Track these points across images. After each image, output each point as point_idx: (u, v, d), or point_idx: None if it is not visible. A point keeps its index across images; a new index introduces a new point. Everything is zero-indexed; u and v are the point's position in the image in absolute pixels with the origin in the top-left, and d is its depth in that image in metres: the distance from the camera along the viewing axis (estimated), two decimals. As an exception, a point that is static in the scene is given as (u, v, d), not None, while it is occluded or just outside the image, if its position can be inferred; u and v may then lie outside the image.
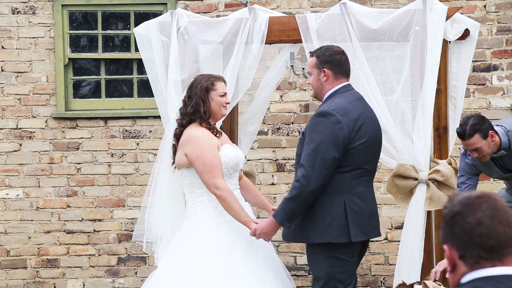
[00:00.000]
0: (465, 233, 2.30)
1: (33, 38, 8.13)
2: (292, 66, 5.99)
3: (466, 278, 2.31)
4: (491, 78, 7.88)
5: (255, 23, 5.79)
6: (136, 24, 7.34)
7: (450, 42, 5.69)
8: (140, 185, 8.09)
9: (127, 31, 8.20)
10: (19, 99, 8.15)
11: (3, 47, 8.14)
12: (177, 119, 5.38)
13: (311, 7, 7.94)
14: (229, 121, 6.00)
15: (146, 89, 8.05)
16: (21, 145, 8.14)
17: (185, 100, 5.35)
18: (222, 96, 5.34)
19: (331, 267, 5.10)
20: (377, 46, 5.67)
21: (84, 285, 8.16)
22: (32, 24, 8.12)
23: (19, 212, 8.16)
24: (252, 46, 5.78)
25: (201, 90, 5.29)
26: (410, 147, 5.50)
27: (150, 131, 8.13)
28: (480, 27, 6.08)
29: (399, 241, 5.66)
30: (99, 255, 8.16)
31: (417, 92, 5.48)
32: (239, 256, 5.17)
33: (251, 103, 6.38)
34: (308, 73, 5.32)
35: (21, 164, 8.16)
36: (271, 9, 6.91)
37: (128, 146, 8.15)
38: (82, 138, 8.15)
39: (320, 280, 5.14)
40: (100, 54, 8.23)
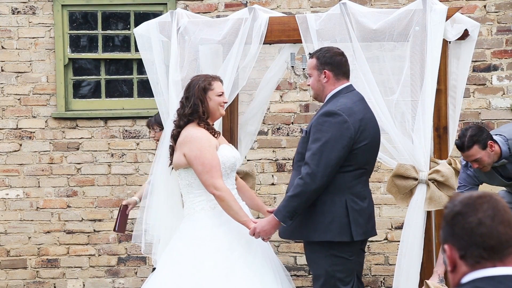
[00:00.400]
0: (466, 233, 2.30)
1: (33, 38, 8.13)
2: (292, 66, 5.99)
3: (466, 278, 2.31)
4: (491, 78, 7.88)
5: (255, 23, 5.79)
6: (136, 24, 7.34)
7: (450, 42, 5.69)
8: (140, 185, 8.08)
9: (127, 31, 8.20)
10: (19, 99, 8.15)
11: (3, 47, 8.14)
12: (174, 120, 5.38)
13: (311, 7, 7.95)
14: (229, 121, 6.00)
15: (146, 89, 8.05)
16: (21, 145, 8.14)
17: (183, 101, 5.35)
18: (219, 96, 5.34)
19: (330, 266, 5.10)
20: (377, 46, 5.66)
21: (84, 285, 8.16)
22: (32, 24, 8.12)
23: (19, 212, 8.16)
24: (251, 46, 5.78)
25: (198, 91, 5.28)
26: (410, 147, 5.50)
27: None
28: (480, 27, 6.08)
29: (399, 241, 5.65)
30: (99, 255, 8.16)
31: (417, 92, 5.48)
32: (238, 256, 5.16)
33: (251, 103, 6.38)
34: (308, 75, 5.32)
35: (21, 164, 8.16)
36: (271, 9, 6.91)
37: (128, 146, 8.15)
38: (82, 138, 8.15)
39: (320, 278, 5.15)
40: (100, 54, 8.23)
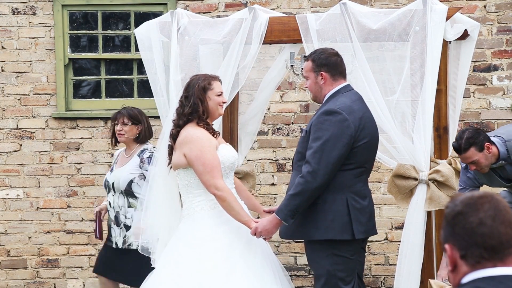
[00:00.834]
0: (467, 233, 2.30)
1: (33, 38, 8.13)
2: (292, 66, 5.99)
3: (467, 278, 2.31)
4: (491, 78, 7.88)
5: (255, 23, 5.79)
6: (136, 24, 7.34)
7: (450, 42, 5.69)
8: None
9: (127, 31, 8.21)
10: (19, 99, 8.15)
11: (3, 47, 8.14)
12: (173, 119, 5.36)
13: (311, 7, 7.95)
14: (229, 121, 6.00)
15: (146, 89, 8.05)
16: (21, 145, 8.14)
17: (182, 101, 5.33)
18: (219, 96, 5.33)
19: (331, 265, 5.11)
20: (377, 46, 5.67)
21: (84, 285, 8.16)
22: (32, 24, 8.12)
23: (19, 212, 8.16)
24: (251, 46, 5.79)
25: (198, 90, 5.27)
26: (410, 147, 5.51)
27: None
28: (480, 27, 6.08)
29: (399, 241, 5.66)
30: (99, 255, 8.16)
31: (417, 92, 5.48)
32: (239, 256, 5.16)
33: (251, 104, 6.38)
34: (304, 77, 5.32)
35: (21, 164, 8.16)
36: (271, 9, 6.91)
37: (128, 146, 8.15)
38: (82, 138, 8.15)
39: (321, 278, 5.15)
40: (100, 54, 8.23)
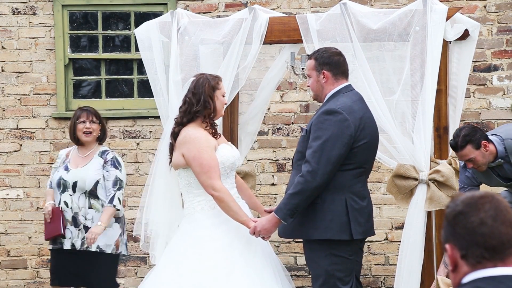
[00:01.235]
0: (468, 233, 2.30)
1: (34, 38, 8.13)
2: (292, 66, 5.99)
3: (467, 278, 2.31)
4: (492, 78, 7.88)
5: (255, 23, 5.79)
6: (136, 24, 7.34)
7: (451, 42, 5.70)
8: (140, 185, 8.09)
9: (127, 31, 8.21)
10: (19, 99, 8.15)
11: (3, 47, 8.14)
12: (176, 117, 5.35)
13: (312, 7, 7.95)
14: (229, 121, 6.00)
15: (146, 89, 8.05)
16: (21, 145, 8.14)
17: (189, 98, 5.26)
18: (223, 96, 5.35)
19: (330, 265, 5.11)
20: (377, 46, 5.67)
21: (84, 285, 8.16)
22: (33, 24, 8.12)
23: (19, 212, 8.16)
24: (251, 46, 5.79)
25: (209, 89, 5.25)
26: (410, 147, 5.51)
27: (151, 131, 8.13)
28: (480, 27, 6.08)
29: (400, 241, 5.66)
30: (100, 255, 8.15)
31: (417, 92, 5.49)
32: (239, 255, 5.16)
33: (251, 104, 6.38)
34: (306, 76, 5.32)
35: (21, 164, 8.16)
36: (272, 9, 6.91)
37: (128, 146, 8.15)
38: (82, 138, 8.14)
39: (319, 278, 5.15)
40: (101, 54, 8.23)
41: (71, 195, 6.33)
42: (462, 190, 6.05)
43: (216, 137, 5.33)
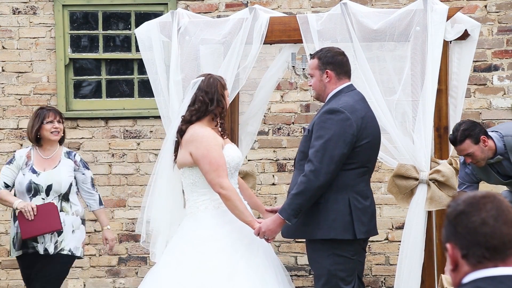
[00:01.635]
0: (469, 232, 2.30)
1: (34, 38, 8.13)
2: (293, 66, 6.00)
3: (467, 278, 2.31)
4: (492, 78, 7.88)
5: (256, 23, 5.79)
6: (136, 24, 7.34)
7: (451, 42, 5.70)
8: (140, 185, 8.09)
9: (127, 31, 8.21)
10: (19, 99, 8.15)
11: (4, 47, 8.14)
12: (183, 115, 5.30)
13: (312, 7, 7.95)
14: (229, 121, 6.00)
15: (146, 89, 8.05)
16: (21, 145, 8.14)
17: (203, 96, 5.25)
18: (228, 97, 5.39)
19: (332, 265, 5.11)
20: (377, 46, 5.67)
21: (85, 285, 8.16)
22: (33, 24, 8.12)
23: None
24: (252, 46, 5.79)
25: (221, 88, 5.28)
26: (410, 147, 5.51)
27: (151, 131, 8.13)
28: (480, 27, 6.08)
29: (400, 241, 5.66)
30: (100, 255, 8.16)
31: (417, 92, 5.49)
32: (241, 256, 5.16)
33: (251, 103, 6.37)
34: (309, 75, 5.32)
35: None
36: (272, 9, 6.91)
37: (128, 146, 8.15)
38: (82, 138, 8.15)
39: (321, 277, 5.15)
40: (101, 54, 8.23)
41: (44, 199, 6.20)
42: (462, 186, 6.06)
43: (223, 136, 5.34)
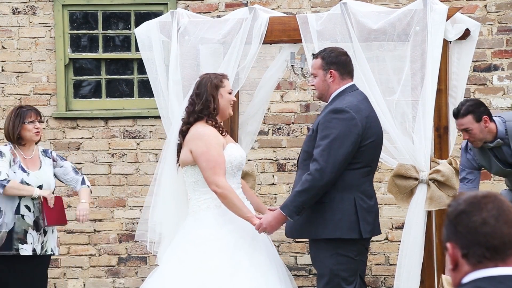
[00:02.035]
0: (470, 232, 2.29)
1: (34, 38, 8.13)
2: (292, 66, 6.00)
3: (467, 278, 2.30)
4: (492, 78, 7.88)
5: (255, 23, 5.79)
6: (136, 24, 7.34)
7: (451, 42, 5.70)
8: (140, 185, 8.09)
9: (127, 31, 8.21)
10: (19, 99, 8.15)
11: (3, 47, 8.14)
12: (183, 117, 5.37)
13: (312, 7, 7.95)
14: (229, 121, 5.99)
15: (146, 89, 8.05)
16: (21, 145, 8.13)
17: (193, 98, 5.32)
18: (230, 93, 5.37)
19: (335, 264, 5.11)
20: (377, 46, 5.67)
21: (84, 285, 8.16)
22: (33, 24, 8.12)
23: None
24: (251, 46, 5.79)
25: (211, 87, 5.28)
26: (410, 147, 5.51)
27: (151, 131, 8.13)
28: (480, 27, 6.08)
29: (400, 241, 5.66)
30: (100, 255, 8.16)
31: (417, 92, 5.49)
32: (243, 255, 5.16)
33: (250, 103, 6.37)
34: (311, 75, 5.32)
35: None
36: (272, 9, 6.91)
37: (128, 146, 8.15)
38: (82, 138, 8.15)
39: (324, 277, 5.16)
40: (101, 54, 8.23)
41: (33, 199, 6.15)
42: (462, 173, 6.07)
43: (224, 135, 5.35)
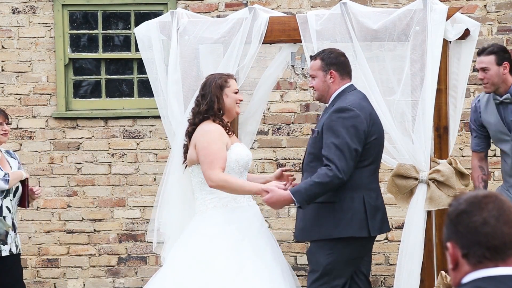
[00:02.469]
0: (470, 232, 2.29)
1: (34, 38, 8.13)
2: (293, 66, 6.00)
3: (467, 278, 2.30)
4: (491, 78, 7.87)
5: (255, 22, 5.79)
6: (136, 24, 7.34)
7: (451, 42, 5.70)
8: (140, 185, 8.09)
9: (127, 31, 8.20)
10: (19, 99, 8.15)
11: (3, 47, 8.14)
12: (189, 118, 5.41)
13: (312, 7, 7.95)
14: (229, 121, 6.00)
15: (146, 89, 8.05)
16: (21, 145, 8.14)
17: (198, 99, 5.37)
18: (236, 93, 5.39)
19: (328, 264, 5.13)
20: (377, 46, 5.67)
21: (84, 285, 8.16)
22: (33, 24, 8.12)
23: (19, 212, 8.14)
24: (251, 46, 5.79)
25: (215, 88, 5.32)
26: (410, 147, 5.51)
27: (151, 131, 8.13)
28: (480, 27, 6.09)
29: (400, 241, 5.66)
30: (100, 255, 8.16)
31: (417, 92, 5.49)
32: (248, 254, 5.17)
33: (249, 102, 6.36)
34: (310, 76, 5.33)
35: (21, 164, 8.15)
36: (272, 9, 6.91)
37: (128, 146, 8.15)
38: (82, 138, 8.15)
39: (315, 273, 5.18)
40: (101, 54, 8.23)
41: (11, 200, 6.25)
42: (473, 133, 6.18)
43: (230, 134, 5.37)
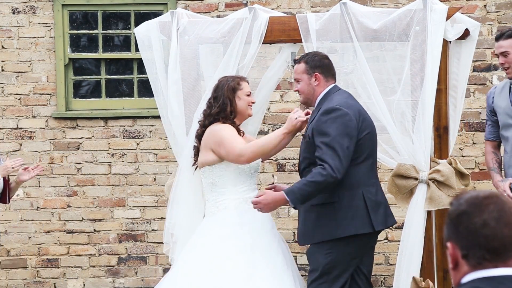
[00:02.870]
0: (470, 233, 2.29)
1: (34, 38, 8.12)
2: (293, 66, 6.00)
3: (467, 278, 2.30)
4: (492, 78, 7.88)
5: (255, 22, 5.79)
6: (136, 24, 7.34)
7: (451, 42, 5.70)
8: (140, 185, 8.09)
9: (127, 31, 8.20)
10: (19, 99, 8.15)
11: (3, 47, 8.14)
12: (199, 120, 5.43)
13: (312, 7, 7.95)
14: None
15: (146, 89, 8.05)
16: (21, 145, 8.14)
17: (210, 101, 5.40)
18: (248, 95, 5.42)
19: (327, 263, 5.14)
20: (377, 46, 5.68)
21: (84, 285, 8.16)
22: (33, 24, 8.12)
23: (19, 212, 8.15)
24: (251, 46, 5.79)
25: (228, 90, 5.35)
26: (410, 147, 5.51)
27: (151, 131, 8.13)
28: (480, 27, 6.08)
29: (399, 241, 5.66)
30: (100, 255, 8.16)
31: (417, 92, 5.49)
32: (260, 256, 5.17)
33: (251, 103, 6.38)
34: (295, 80, 5.38)
35: (21, 164, 8.15)
36: (272, 9, 6.91)
37: (128, 146, 8.15)
38: (82, 138, 8.15)
39: (315, 272, 5.19)
40: (101, 54, 8.23)
41: None
42: (487, 118, 6.20)
43: (240, 134, 5.40)
